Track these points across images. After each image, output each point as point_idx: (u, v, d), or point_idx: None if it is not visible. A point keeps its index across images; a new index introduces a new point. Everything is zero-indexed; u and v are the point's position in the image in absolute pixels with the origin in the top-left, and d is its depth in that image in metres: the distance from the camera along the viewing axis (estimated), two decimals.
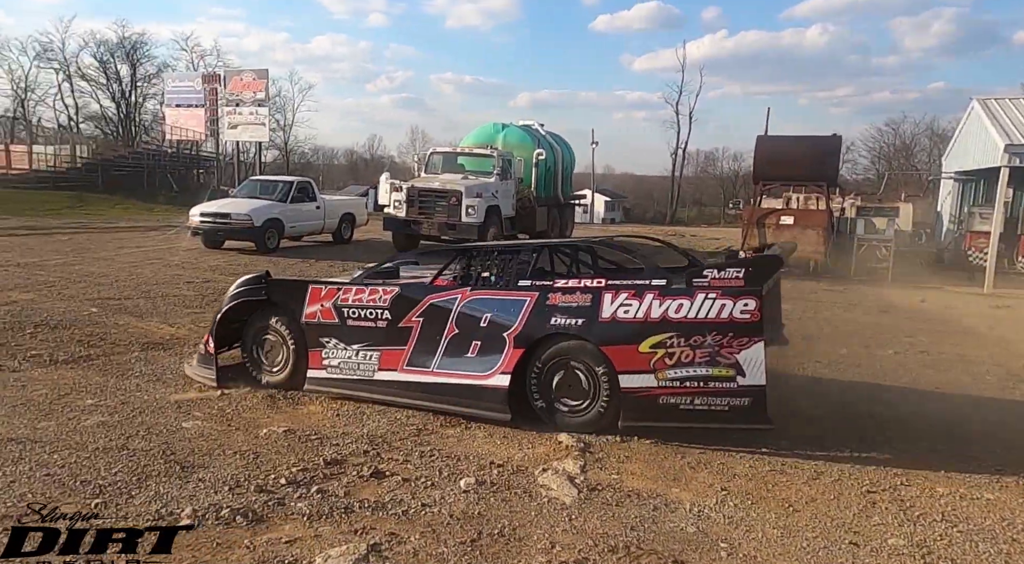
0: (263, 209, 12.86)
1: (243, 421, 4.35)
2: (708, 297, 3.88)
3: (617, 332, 4.03)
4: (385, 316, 4.67)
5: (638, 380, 3.98)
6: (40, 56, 50.68)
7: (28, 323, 6.76)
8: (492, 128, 15.82)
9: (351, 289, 4.83)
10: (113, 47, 50.60)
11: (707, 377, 3.87)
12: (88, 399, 4.71)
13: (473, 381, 4.36)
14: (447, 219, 13.05)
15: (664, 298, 3.97)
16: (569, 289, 4.26)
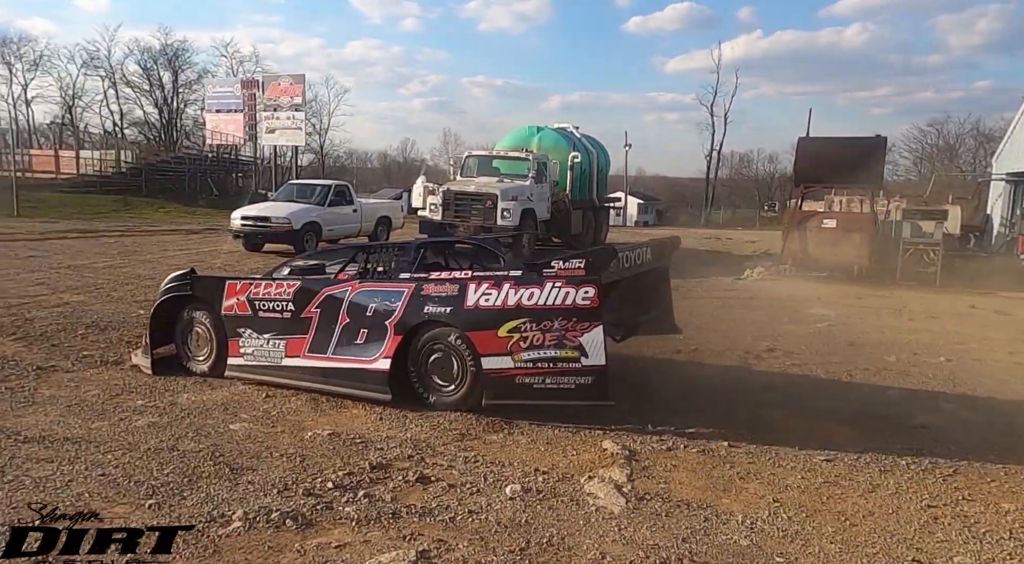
0: (301, 213, 13.05)
1: (288, 423, 4.39)
2: (555, 286, 4.24)
3: (479, 318, 4.38)
4: (289, 308, 5.11)
5: (497, 362, 4.32)
6: (87, 64, 52.39)
7: (79, 324, 6.96)
8: (527, 131, 15.80)
9: (261, 284, 5.29)
10: (156, 54, 52.07)
11: (555, 358, 4.21)
12: (138, 400, 4.82)
13: (361, 365, 4.75)
14: (483, 222, 13.06)
15: (519, 287, 4.32)
16: (440, 280, 4.65)
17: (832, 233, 12.51)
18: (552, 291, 4.23)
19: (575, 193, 15.44)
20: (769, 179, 67.06)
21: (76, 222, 20.25)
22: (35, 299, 8.18)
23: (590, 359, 4.17)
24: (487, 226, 13.02)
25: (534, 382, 4.29)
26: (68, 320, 7.12)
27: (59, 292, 8.71)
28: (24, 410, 4.52)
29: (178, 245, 15.17)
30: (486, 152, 14.99)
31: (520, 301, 4.29)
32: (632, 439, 4.19)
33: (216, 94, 44.09)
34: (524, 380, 4.30)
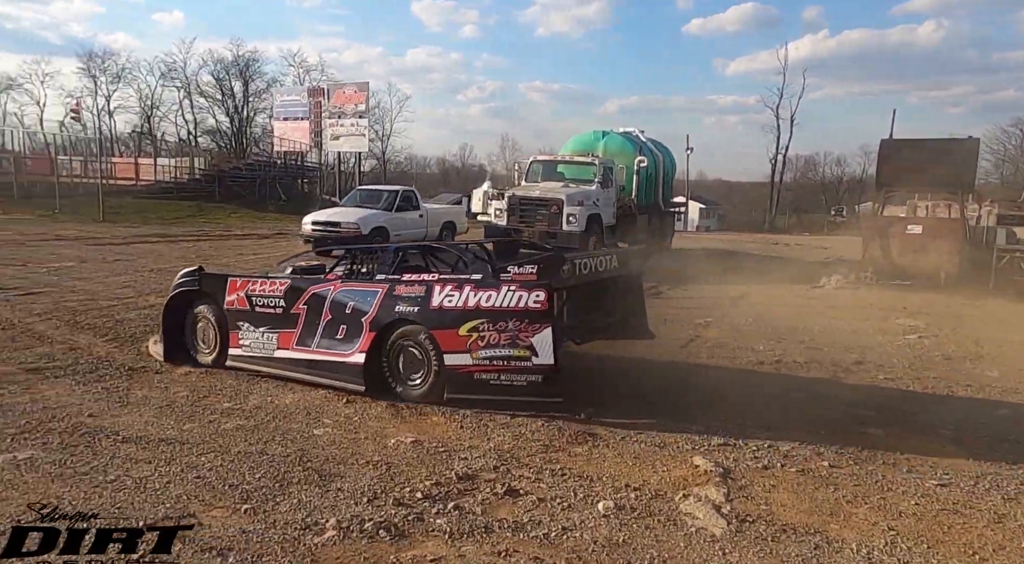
0: (370, 218, 13.28)
1: (370, 430, 4.38)
2: (509, 289, 4.51)
3: (443, 318, 4.68)
4: (281, 304, 5.49)
5: (458, 359, 4.62)
6: (165, 76, 55.04)
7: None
8: (592, 136, 15.64)
9: (258, 281, 5.70)
10: (228, 65, 54.23)
11: (509, 357, 4.49)
12: (225, 402, 4.92)
13: (340, 358, 5.10)
14: (548, 227, 12.97)
15: (478, 290, 4.61)
16: (410, 282, 4.95)
17: (918, 239, 11.85)
18: (507, 294, 4.51)
19: (641, 198, 15.17)
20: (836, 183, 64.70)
21: (155, 227, 21.19)
22: (124, 301, 8.54)
23: (540, 358, 4.44)
24: (552, 231, 12.92)
25: (490, 378, 4.58)
26: (154, 322, 7.37)
27: (144, 294, 9.07)
28: (120, 410, 4.67)
29: (251, 249, 15.65)
30: (551, 157, 14.90)
31: (479, 303, 4.58)
32: (724, 455, 4.01)
33: (284, 102, 45.58)
34: (481, 376, 4.59)
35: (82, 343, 6.41)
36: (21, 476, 3.52)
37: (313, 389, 5.22)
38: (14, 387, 5.11)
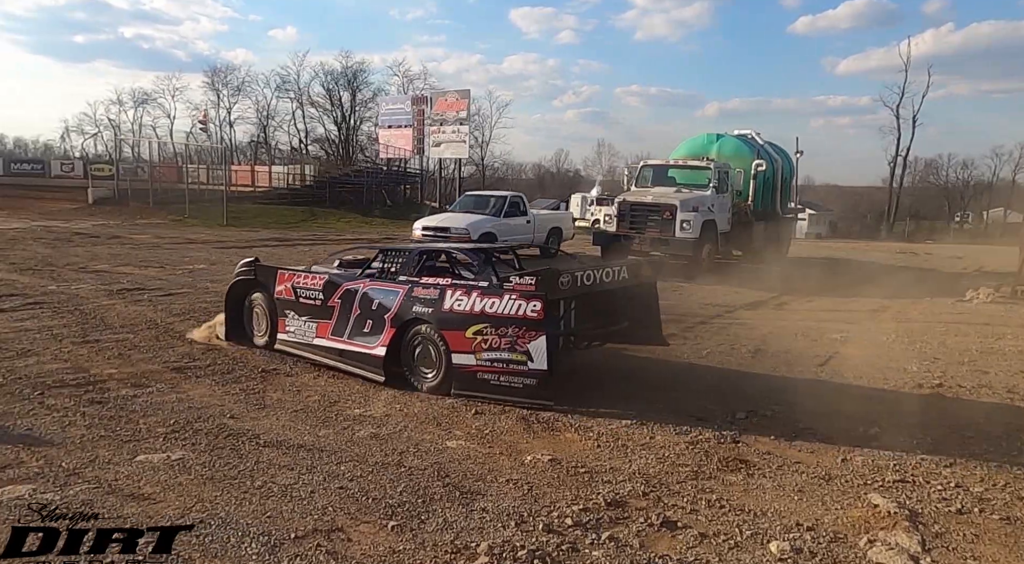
0: (479, 223, 13.32)
1: (504, 444, 4.22)
2: (511, 298, 4.82)
3: (452, 320, 5.05)
4: (319, 297, 6.02)
5: (464, 359, 5.00)
6: (280, 87, 58.38)
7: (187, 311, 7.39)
8: (705, 139, 15.00)
9: (302, 275, 6.24)
10: (337, 76, 56.80)
11: (508, 360, 4.82)
12: (356, 408, 4.91)
13: (365, 350, 5.59)
14: (659, 234, 12.52)
15: (484, 296, 4.94)
16: (426, 285, 5.35)
17: None
18: (508, 302, 4.83)
19: (757, 203, 14.39)
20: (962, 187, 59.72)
21: (274, 231, 22.34)
22: None
23: (535, 363, 4.74)
24: (664, 238, 12.47)
25: (491, 379, 4.93)
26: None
27: None
28: (258, 413, 4.76)
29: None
30: (663, 161, 14.41)
31: (484, 309, 4.92)
32: (904, 494, 3.55)
33: (389, 111, 47.18)
34: (483, 376, 4.95)
35: (217, 343, 6.66)
36: (175, 477, 3.59)
37: (439, 399, 5.14)
38: (161, 385, 5.34)
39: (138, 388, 5.25)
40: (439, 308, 5.14)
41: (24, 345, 6.28)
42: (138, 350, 6.32)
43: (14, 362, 5.75)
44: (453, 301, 5.08)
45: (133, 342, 6.59)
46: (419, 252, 6.01)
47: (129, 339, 6.69)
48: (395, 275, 5.75)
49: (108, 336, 6.77)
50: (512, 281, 4.95)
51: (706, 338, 7.70)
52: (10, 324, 7.04)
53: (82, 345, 6.39)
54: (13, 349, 6.12)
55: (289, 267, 6.69)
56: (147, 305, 8.33)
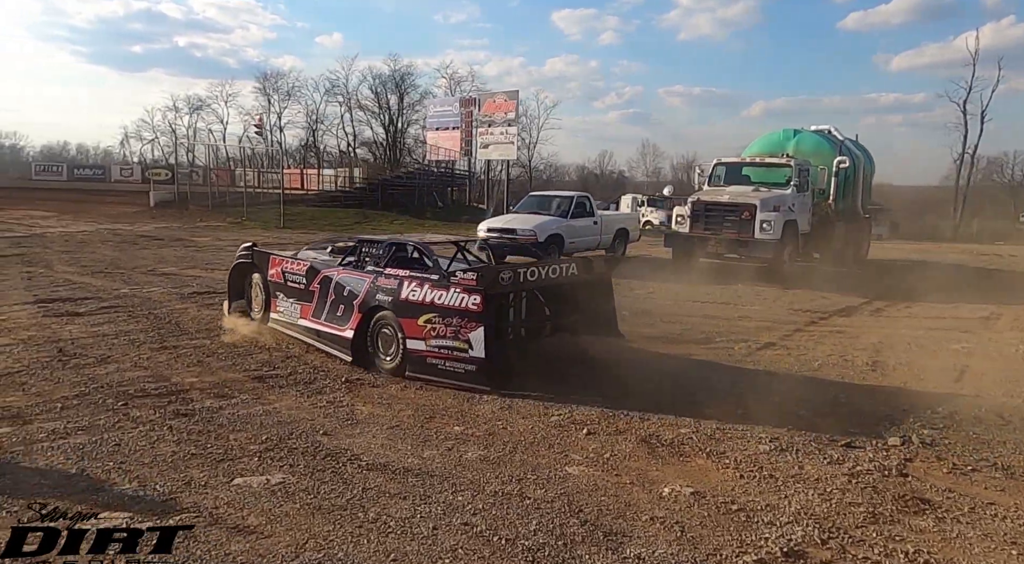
0: (546, 225, 12.84)
1: (632, 472, 3.75)
2: (456, 291, 5.19)
3: (407, 309, 5.45)
4: (302, 282, 6.51)
5: (416, 344, 5.40)
6: (329, 91, 59.10)
7: None
8: (781, 135, 14.21)
9: (289, 261, 6.77)
10: (385, 79, 57.22)
11: (453, 347, 5.20)
12: (455, 426, 4.51)
13: (337, 332, 6.07)
14: (737, 235, 11.84)
15: (434, 288, 5.33)
16: (388, 275, 5.76)
17: None
18: (454, 294, 5.21)
19: (838, 202, 13.55)
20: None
21: (328, 233, 22.30)
22: None
23: (474, 352, 5.12)
24: (742, 239, 11.79)
25: (438, 364, 5.31)
26: None
27: None
28: (352, 429, 4.40)
29: None
30: (738, 159, 13.70)
31: (433, 300, 5.32)
32: None
33: (437, 113, 47.20)
34: (432, 360, 5.34)
35: (295, 351, 6.37)
36: (280, 506, 3.23)
37: (543, 416, 4.70)
38: (245, 396, 5.04)
39: (222, 399, 4.96)
40: (397, 297, 5.58)
41: (103, 351, 6.09)
42: (216, 357, 6.07)
43: (95, 369, 5.54)
44: (408, 291, 5.51)
45: (210, 348, 6.34)
46: (389, 244, 6.42)
47: (206, 345, 6.45)
48: (365, 265, 6.22)
49: (185, 341, 6.55)
50: (457, 275, 5.37)
51: (809, 348, 7.08)
52: (88, 328, 6.89)
53: (160, 351, 6.17)
54: (93, 355, 5.94)
55: (280, 253, 7.23)
56: (219, 309, 8.12)
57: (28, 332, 6.65)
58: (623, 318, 8.44)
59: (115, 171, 49.98)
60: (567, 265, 6.04)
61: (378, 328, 5.79)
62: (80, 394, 4.95)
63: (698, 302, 9.83)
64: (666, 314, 8.73)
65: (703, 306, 9.54)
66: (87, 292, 8.87)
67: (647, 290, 10.54)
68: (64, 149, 68.48)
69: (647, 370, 5.93)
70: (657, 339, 7.34)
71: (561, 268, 5.95)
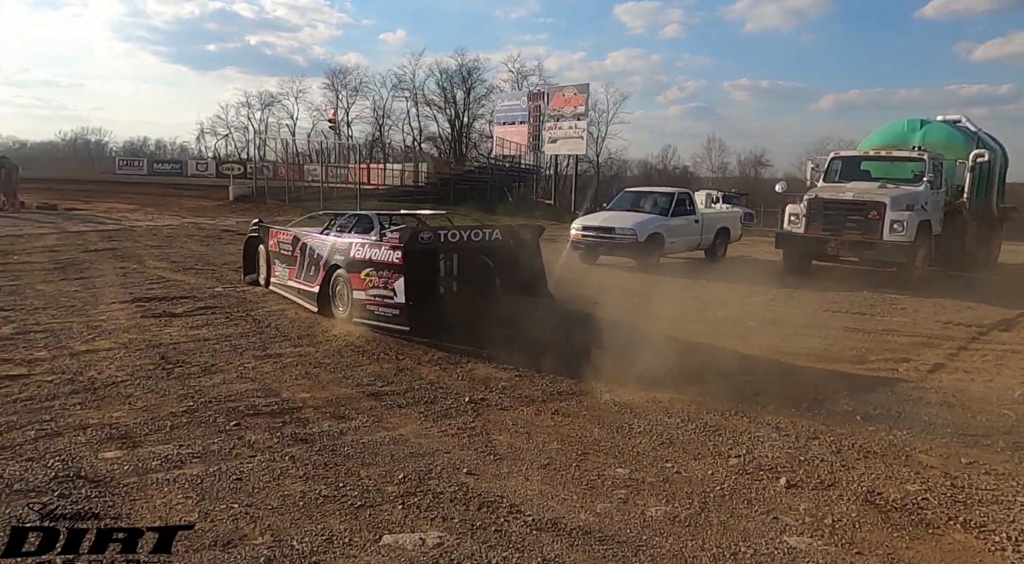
0: (647, 223, 11.94)
1: (877, 551, 2.94)
2: (385, 248, 6.39)
3: (354, 266, 6.63)
4: (288, 249, 7.83)
5: (359, 294, 6.55)
6: (395, 87, 59.42)
7: None
8: (906, 126, 12.87)
9: (282, 232, 8.13)
10: (452, 74, 57.10)
11: (383, 295, 6.34)
12: (617, 466, 3.80)
13: (309, 288, 7.35)
14: (862, 237, 10.69)
15: (372, 247, 6.54)
16: (346, 239, 6.98)
17: None
18: (385, 252, 6.30)
19: (972, 201, 12.17)
20: None
21: None
22: None
23: (398, 298, 6.16)
24: (869, 241, 10.64)
25: (374, 309, 6.34)
26: None
27: None
28: (497, 467, 3.75)
29: None
30: (859, 152, 12.46)
31: (371, 256, 6.41)
32: None
33: (504, 107, 46.74)
34: (370, 307, 6.38)
35: (406, 363, 5.80)
36: None
37: (718, 457, 3.95)
38: (364, 418, 4.48)
39: (340, 421, 4.41)
40: (348, 257, 6.75)
41: (206, 358, 5.65)
42: (324, 368, 5.55)
43: (201, 380, 5.09)
44: (355, 251, 6.67)
45: (316, 358, 5.83)
46: (351, 215, 7.81)
47: (311, 353, 5.95)
48: (330, 232, 7.50)
49: (288, 349, 6.07)
50: (387, 236, 6.59)
51: (991, 371, 6.08)
52: (187, 331, 6.51)
53: (264, 360, 5.69)
54: (196, 363, 5.50)
55: (277, 226, 8.63)
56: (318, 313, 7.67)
57: (128, 335, 6.31)
58: (750, 328, 7.60)
59: (191, 166, 51.53)
60: (490, 231, 6.86)
61: (336, 283, 6.99)
62: (188, 410, 4.48)
63: (828, 312, 8.82)
64: (798, 325, 7.80)
65: (836, 316, 8.54)
66: (182, 290, 8.59)
67: (767, 297, 9.60)
68: (144, 145, 71.23)
69: (812, 388, 5.10)
70: (801, 355, 6.47)
71: (484, 233, 6.79)
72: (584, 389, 5.25)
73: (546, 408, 4.80)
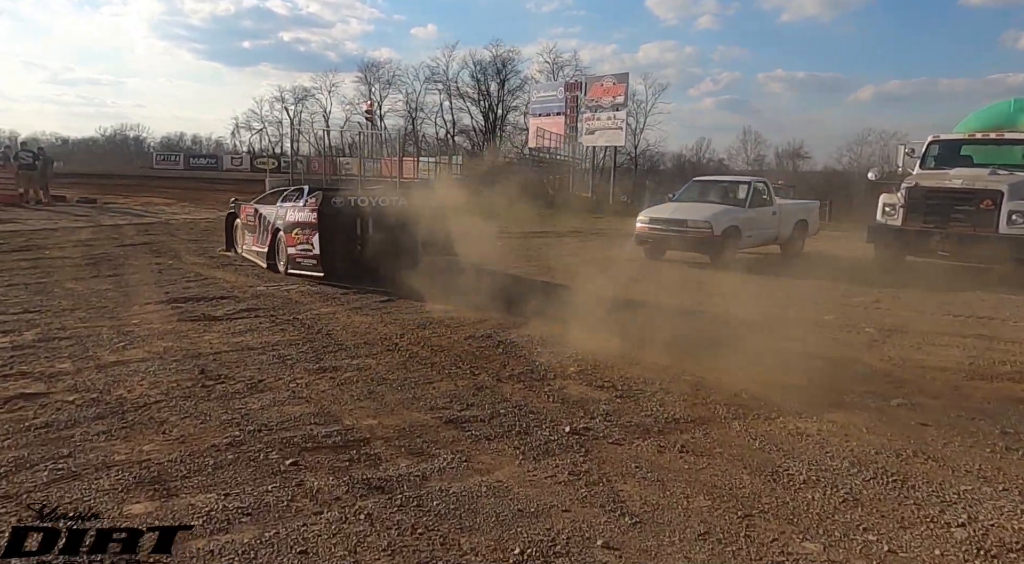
0: (723, 215, 10.81)
1: None
2: (307, 211, 8.19)
3: (288, 227, 8.47)
4: (252, 220, 9.81)
5: (292, 250, 8.41)
6: (429, 79, 58.76)
7: (432, 323, 5.52)
8: (1012, 106, 11.37)
9: (248, 207, 10.09)
10: (486, 66, 56.20)
11: (305, 249, 8.18)
12: (801, 539, 2.84)
13: (261, 249, 9.27)
14: (973, 230, 9.47)
15: (299, 211, 8.38)
16: (283, 207, 8.89)
17: None
18: (306, 213, 8.25)
19: None
20: None
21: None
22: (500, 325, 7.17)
23: (315, 250, 8.12)
24: (981, 235, 9.42)
25: (301, 261, 8.35)
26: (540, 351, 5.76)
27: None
28: (641, 538, 2.84)
29: (568, 249, 14.27)
30: (961, 135, 11.15)
31: (297, 219, 8.37)
32: None
33: (540, 98, 45.72)
34: (297, 259, 8.39)
35: (484, 379, 4.90)
36: None
37: (936, 528, 2.96)
38: (447, 454, 3.59)
39: (419, 459, 3.53)
40: (285, 220, 8.49)
41: (251, 372, 4.83)
42: (389, 386, 4.68)
43: (247, 401, 4.26)
44: (288, 215, 8.45)
45: (378, 372, 4.97)
46: (295, 189, 9.48)
47: (372, 367, 5.09)
48: (275, 202, 9.14)
49: (345, 361, 5.21)
50: (309, 202, 8.29)
51: None
52: (229, 338, 5.70)
53: (319, 375, 4.85)
54: (240, 378, 4.68)
55: (245, 203, 10.35)
56: (371, 314, 6.81)
57: (164, 342, 5.53)
58: (870, 337, 6.56)
59: (226, 160, 51.58)
60: (395, 198, 8.69)
61: (277, 243, 8.68)
62: (234, 442, 3.65)
63: (948, 315, 7.68)
64: (925, 333, 6.70)
65: (961, 322, 7.38)
66: (221, 289, 7.82)
67: (870, 298, 8.47)
68: (181, 140, 71.74)
69: (990, 417, 4.06)
70: (948, 369, 5.43)
71: (389, 199, 8.51)
72: (704, 416, 4.30)
73: (668, 443, 3.85)
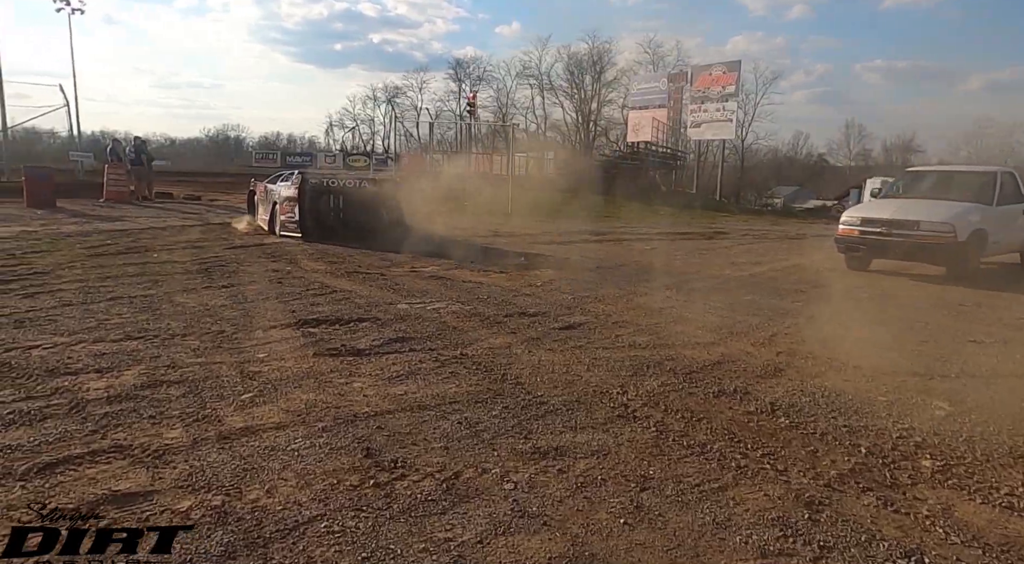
0: (968, 215, 8.38)
1: None
2: (292, 188, 11.14)
3: (281, 200, 11.41)
4: (264, 196, 12.62)
5: (283, 217, 11.34)
6: (520, 74, 57.35)
7: (651, 366, 3.59)
8: None
9: (261, 185, 13.24)
10: (580, 58, 54.21)
11: (291, 216, 11.15)
12: None
13: (266, 219, 12.05)
14: None
15: (288, 188, 11.32)
16: (280, 185, 11.78)
17: None
18: (292, 190, 11.09)
19: None
20: None
21: (581, 222, 19.44)
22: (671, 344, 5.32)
23: (297, 217, 10.98)
24: None
25: (288, 226, 11.17)
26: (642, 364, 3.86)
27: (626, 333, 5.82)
28: None
29: (716, 251, 12.24)
30: None
31: (287, 194, 11.22)
32: None
33: (639, 91, 43.39)
34: (287, 224, 11.19)
35: (801, 482, 3.06)
36: None
37: None
38: None
39: None
40: (279, 195, 11.55)
41: (439, 457, 3.16)
42: (659, 493, 2.92)
43: (450, 521, 2.59)
44: (281, 192, 11.57)
45: (626, 462, 3.22)
46: (289, 172, 12.56)
47: (610, 449, 3.34)
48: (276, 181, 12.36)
49: (566, 437, 3.47)
50: (294, 180, 11.20)
51: None
52: (387, 388, 4.08)
53: (538, 465, 3.14)
54: (426, 469, 3.03)
55: (261, 182, 13.41)
56: (557, 349, 5.07)
57: (303, 392, 3.97)
58: None
59: (320, 158, 51.97)
60: (360, 182, 11.97)
61: (274, 213, 11.65)
62: None
63: None
64: None
65: None
66: (354, 305, 6.30)
67: None
68: (277, 139, 73.61)
69: None
70: None
71: (356, 182, 11.89)
72: None
73: None
